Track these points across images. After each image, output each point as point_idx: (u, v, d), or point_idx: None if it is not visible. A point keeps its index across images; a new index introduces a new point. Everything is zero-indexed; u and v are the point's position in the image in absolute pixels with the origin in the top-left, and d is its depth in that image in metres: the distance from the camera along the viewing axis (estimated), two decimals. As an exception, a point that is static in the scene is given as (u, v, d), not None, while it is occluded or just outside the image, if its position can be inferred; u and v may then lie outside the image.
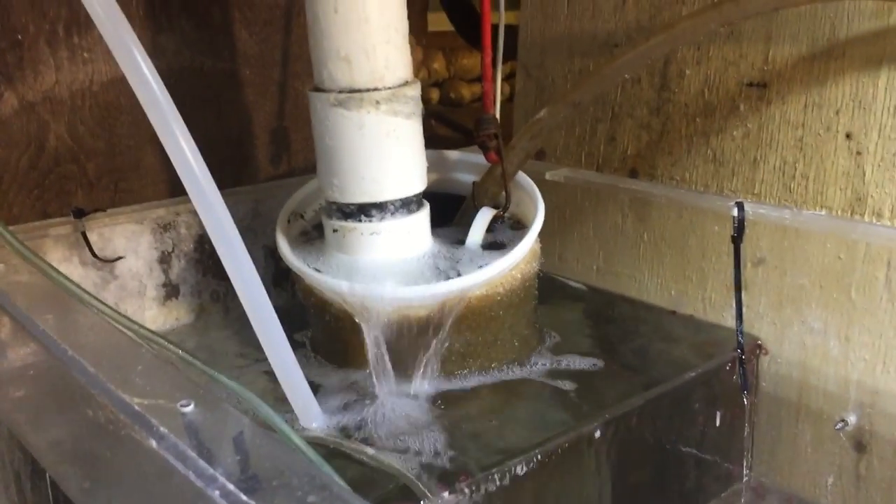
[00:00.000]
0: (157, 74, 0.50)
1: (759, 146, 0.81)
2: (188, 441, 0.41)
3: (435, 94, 1.60)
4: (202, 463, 0.40)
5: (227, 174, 0.87)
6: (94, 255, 0.73)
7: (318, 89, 0.65)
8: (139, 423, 0.43)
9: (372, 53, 0.63)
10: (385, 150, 0.65)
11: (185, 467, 0.40)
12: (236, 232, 0.51)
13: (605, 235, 0.94)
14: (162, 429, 0.42)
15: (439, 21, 1.38)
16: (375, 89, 0.64)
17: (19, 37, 0.73)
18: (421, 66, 1.56)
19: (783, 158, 0.79)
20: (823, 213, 0.76)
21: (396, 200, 0.66)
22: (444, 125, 1.45)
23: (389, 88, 0.64)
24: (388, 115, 0.64)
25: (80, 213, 0.73)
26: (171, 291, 0.80)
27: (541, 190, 0.75)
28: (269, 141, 0.90)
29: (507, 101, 1.09)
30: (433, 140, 1.23)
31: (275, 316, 0.53)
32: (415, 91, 0.66)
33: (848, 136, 0.74)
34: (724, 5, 0.73)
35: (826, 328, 0.76)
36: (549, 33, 0.99)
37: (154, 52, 0.81)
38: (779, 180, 0.80)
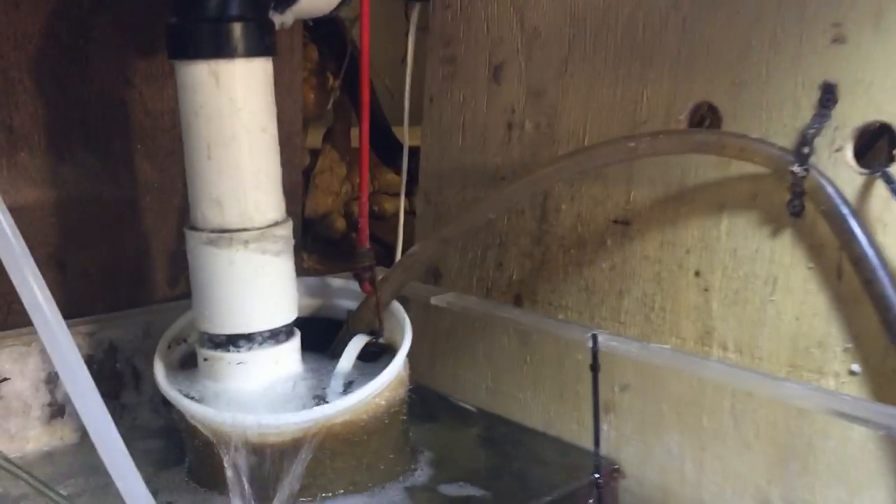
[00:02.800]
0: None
1: (624, 278, 0.87)
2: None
3: (355, 208, 1.66)
4: None
5: (123, 295, 0.91)
6: (-24, 377, 0.76)
7: (193, 227, 0.70)
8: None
9: (242, 197, 0.68)
10: (253, 285, 0.69)
11: None
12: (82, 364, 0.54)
13: (492, 356, 0.99)
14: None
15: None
16: (245, 230, 0.69)
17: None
18: (344, 181, 1.62)
19: (644, 291, 0.85)
20: (672, 345, 0.82)
21: (264, 331, 0.70)
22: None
23: (259, 229, 0.69)
24: (257, 253, 0.69)
25: (-37, 337, 0.75)
26: (56, 411, 0.82)
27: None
28: (166, 264, 0.94)
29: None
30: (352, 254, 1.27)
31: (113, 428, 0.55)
32: (284, 230, 0.71)
33: (697, 273, 0.80)
34: (579, 155, 0.80)
35: (683, 452, 0.80)
36: (446, 162, 1.06)
37: (54, 183, 0.85)
38: (640, 311, 0.85)
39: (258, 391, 0.71)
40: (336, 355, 0.77)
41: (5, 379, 0.78)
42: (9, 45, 0.81)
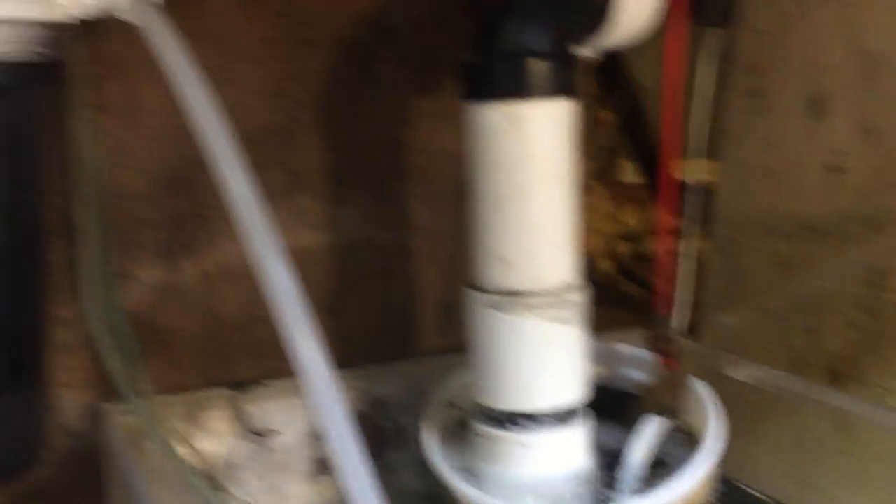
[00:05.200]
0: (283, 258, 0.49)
1: None
2: None
3: (624, 248, 1.54)
4: None
5: (390, 345, 0.86)
6: (249, 428, 0.73)
7: (474, 286, 0.63)
8: None
9: (534, 256, 0.60)
10: (541, 357, 0.60)
11: None
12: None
13: (800, 441, 0.83)
14: None
15: (629, 170, 1.34)
16: (534, 293, 0.60)
17: (206, 212, 0.76)
18: (613, 219, 1.52)
19: None
20: None
21: (549, 412, 0.61)
22: (633, 283, 1.38)
23: (550, 293, 0.60)
24: (547, 321, 0.60)
25: (237, 385, 0.73)
26: (321, 467, 0.78)
27: (719, 381, 0.67)
28: (435, 312, 0.89)
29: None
30: (619, 299, 1.17)
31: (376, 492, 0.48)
32: (578, 296, 0.62)
33: None
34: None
35: None
36: (747, 208, 0.92)
37: (331, 226, 0.82)
38: None
39: (538, 479, 0.61)
40: (623, 435, 0.67)
41: (273, 431, 0.76)
42: (296, 86, 0.79)
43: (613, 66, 1.16)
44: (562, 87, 0.60)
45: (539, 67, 0.58)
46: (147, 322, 0.75)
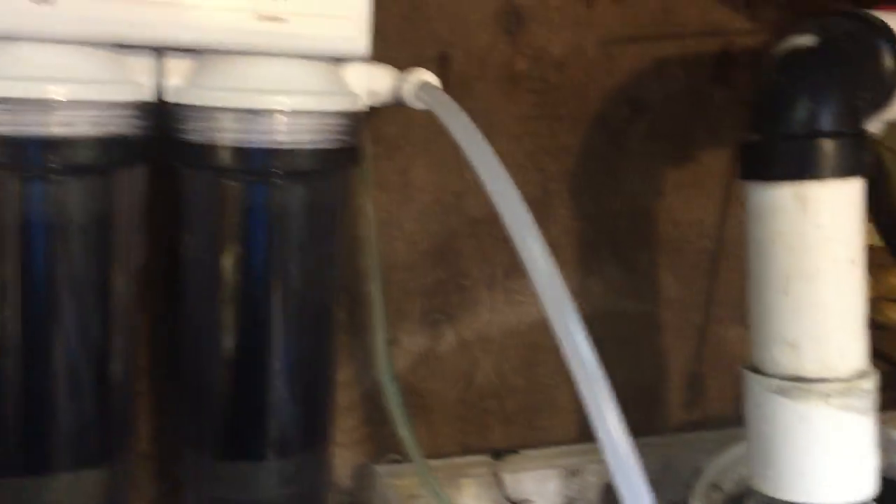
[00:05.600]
0: (578, 320, 0.50)
1: None
2: None
3: (857, 316, 1.45)
4: None
5: (638, 419, 0.84)
6: (506, 497, 0.74)
7: (757, 370, 0.61)
8: None
9: (824, 341, 0.58)
10: (832, 447, 0.58)
11: None
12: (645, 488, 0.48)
13: None
14: None
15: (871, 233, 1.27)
16: (825, 380, 0.58)
17: (465, 282, 0.79)
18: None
19: None
20: None
21: (840, 506, 0.58)
22: (875, 356, 1.29)
23: (842, 380, 0.58)
24: (838, 410, 0.57)
25: (497, 454, 0.75)
26: (574, 539, 0.78)
27: None
28: (683, 386, 0.87)
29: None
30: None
31: None
32: (871, 384, 0.59)
33: None
34: None
35: None
36: None
37: (581, 295, 0.83)
38: None
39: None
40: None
41: (527, 500, 0.76)
42: (549, 159, 0.82)
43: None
44: (853, 166, 0.58)
45: (830, 147, 0.57)
46: (409, 387, 0.78)
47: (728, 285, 0.88)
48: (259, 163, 0.58)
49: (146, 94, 0.58)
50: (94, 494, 0.60)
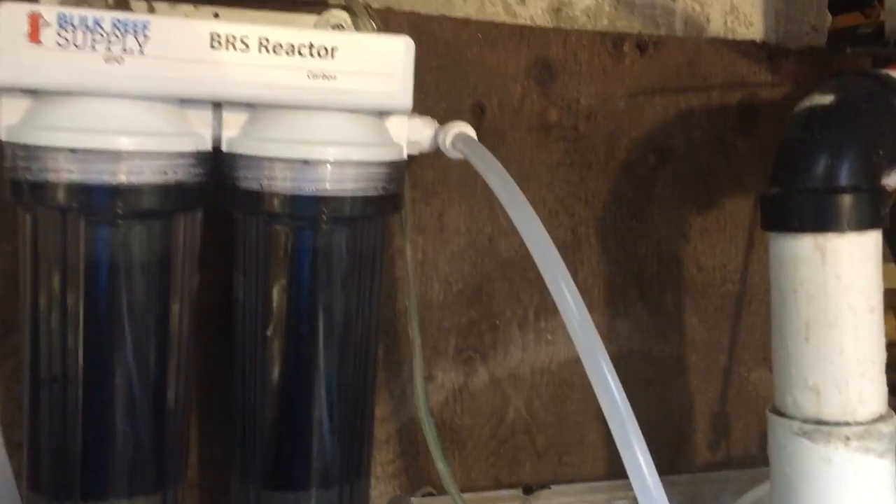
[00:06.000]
0: (609, 362, 0.52)
1: None
2: None
3: (881, 358, 1.47)
4: None
5: (664, 458, 0.87)
6: (535, 530, 0.77)
7: (780, 413, 0.64)
8: None
9: (844, 386, 0.60)
10: (852, 489, 0.60)
11: None
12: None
13: None
14: None
15: (890, 275, 1.29)
16: (846, 424, 0.60)
17: (497, 321, 0.83)
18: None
19: None
20: None
21: (862, 546, 0.61)
22: (892, 397, 1.30)
23: (861, 424, 0.60)
24: (858, 453, 0.60)
25: (528, 490, 0.78)
26: (600, 572, 0.81)
27: None
28: (709, 426, 0.90)
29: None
30: None
31: None
32: (890, 427, 0.61)
33: None
34: None
35: None
36: None
37: (610, 336, 0.86)
38: None
39: None
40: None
41: (559, 534, 0.79)
42: (579, 205, 0.85)
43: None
44: (871, 219, 0.61)
45: (849, 202, 0.60)
46: (443, 422, 0.81)
47: (751, 328, 0.90)
48: (308, 209, 0.62)
49: (204, 144, 0.62)
50: (148, 521, 0.63)
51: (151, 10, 0.70)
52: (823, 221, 0.60)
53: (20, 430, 0.68)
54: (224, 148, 0.63)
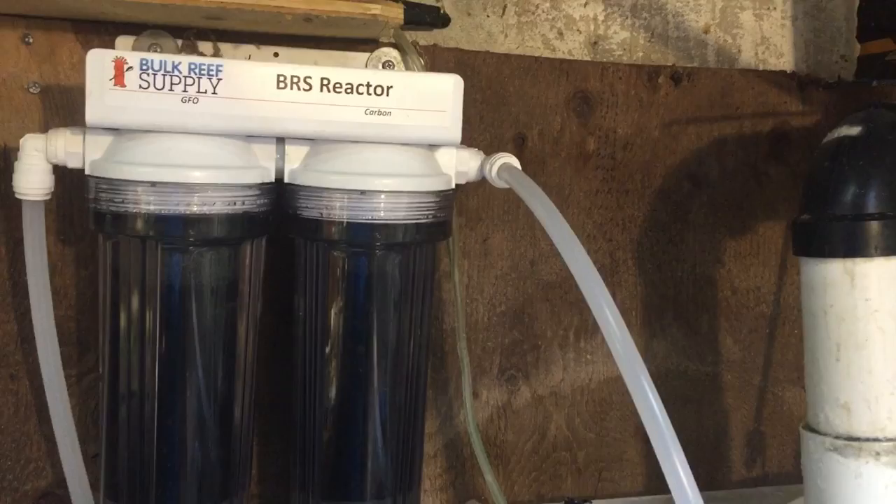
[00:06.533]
0: (650, 380, 0.56)
1: None
2: None
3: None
4: None
5: (702, 474, 0.90)
6: (577, 542, 0.80)
7: (813, 430, 0.67)
8: None
9: (874, 404, 0.63)
10: (883, 502, 0.63)
11: None
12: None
13: None
14: None
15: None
16: (876, 440, 0.63)
17: (539, 342, 0.86)
18: None
19: None
20: None
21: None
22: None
23: (891, 440, 0.63)
24: (889, 468, 0.63)
25: (569, 502, 0.81)
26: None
27: None
28: (744, 444, 0.92)
29: None
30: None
31: None
32: (920, 444, 0.64)
33: None
34: None
35: None
36: None
37: (647, 355, 0.89)
38: None
39: None
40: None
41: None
42: (617, 230, 0.89)
43: None
44: (898, 244, 0.64)
45: (876, 228, 0.63)
46: (487, 438, 0.85)
47: (785, 348, 0.93)
48: (363, 237, 0.67)
49: (269, 176, 0.67)
50: (216, 528, 0.67)
51: (217, 49, 0.76)
52: (852, 247, 0.64)
53: (94, 444, 0.73)
54: (286, 179, 0.68)
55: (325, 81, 0.65)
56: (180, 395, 0.65)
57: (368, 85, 0.65)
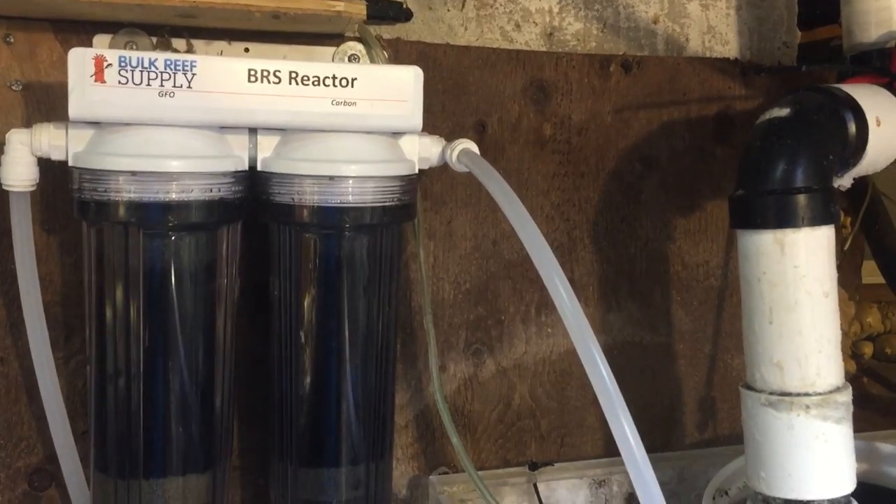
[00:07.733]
0: (601, 351, 0.61)
1: None
2: None
3: (868, 349, 1.55)
4: None
5: (658, 438, 0.96)
6: (541, 503, 0.86)
7: (750, 388, 0.73)
8: None
9: (804, 362, 0.69)
10: (812, 451, 0.69)
11: None
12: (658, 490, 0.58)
13: None
14: None
15: (875, 271, 1.36)
16: (806, 394, 0.69)
17: (502, 317, 0.92)
18: (853, 320, 1.53)
19: None
20: None
21: (823, 500, 0.69)
22: (878, 383, 1.40)
23: (819, 394, 0.69)
24: (818, 420, 0.68)
25: (533, 466, 0.87)
26: (600, 542, 0.89)
27: None
28: (696, 409, 0.98)
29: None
30: (864, 399, 1.20)
31: None
32: (845, 397, 0.70)
33: None
34: None
35: None
36: None
37: (604, 328, 0.95)
38: None
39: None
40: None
41: (560, 507, 0.88)
42: (574, 210, 0.94)
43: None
44: (824, 215, 0.70)
45: (804, 201, 0.69)
46: (455, 408, 0.90)
47: (733, 318, 0.99)
48: (333, 219, 0.71)
49: (242, 164, 0.71)
50: (199, 495, 0.72)
51: (190, 46, 0.80)
52: (782, 219, 0.69)
53: (83, 421, 0.78)
54: (259, 167, 0.72)
55: (294, 75, 0.69)
56: (163, 373, 0.69)
57: (334, 77, 0.70)
